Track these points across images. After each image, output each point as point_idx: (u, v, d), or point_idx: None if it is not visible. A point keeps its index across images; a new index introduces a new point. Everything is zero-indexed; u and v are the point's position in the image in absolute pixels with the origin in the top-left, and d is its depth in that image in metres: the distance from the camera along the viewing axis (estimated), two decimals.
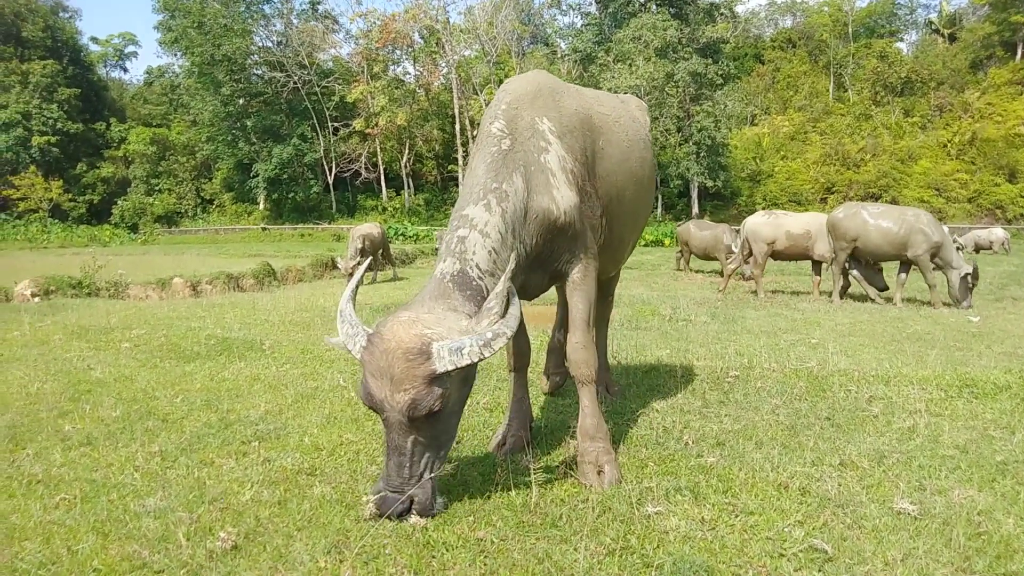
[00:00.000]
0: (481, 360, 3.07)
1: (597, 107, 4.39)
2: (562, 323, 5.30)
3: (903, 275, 11.76)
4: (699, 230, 18.17)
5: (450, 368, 3.02)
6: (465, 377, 3.26)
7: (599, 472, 3.64)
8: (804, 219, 13.31)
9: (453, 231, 3.47)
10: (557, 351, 5.27)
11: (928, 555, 2.81)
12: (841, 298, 12.08)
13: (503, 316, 3.20)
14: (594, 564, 2.79)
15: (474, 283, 3.34)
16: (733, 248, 16.61)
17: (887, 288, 12.28)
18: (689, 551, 2.87)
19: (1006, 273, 17.62)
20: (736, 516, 3.19)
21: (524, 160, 3.69)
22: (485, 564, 2.82)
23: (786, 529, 3.05)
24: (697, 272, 19.17)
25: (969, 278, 11.05)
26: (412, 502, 3.14)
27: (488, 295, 3.32)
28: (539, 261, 3.76)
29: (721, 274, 17.99)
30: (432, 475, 3.21)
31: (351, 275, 16.84)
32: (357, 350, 3.16)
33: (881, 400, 5.09)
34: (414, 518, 3.12)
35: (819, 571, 2.72)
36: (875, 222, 11.53)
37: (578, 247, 3.88)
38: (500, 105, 3.88)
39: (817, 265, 12.99)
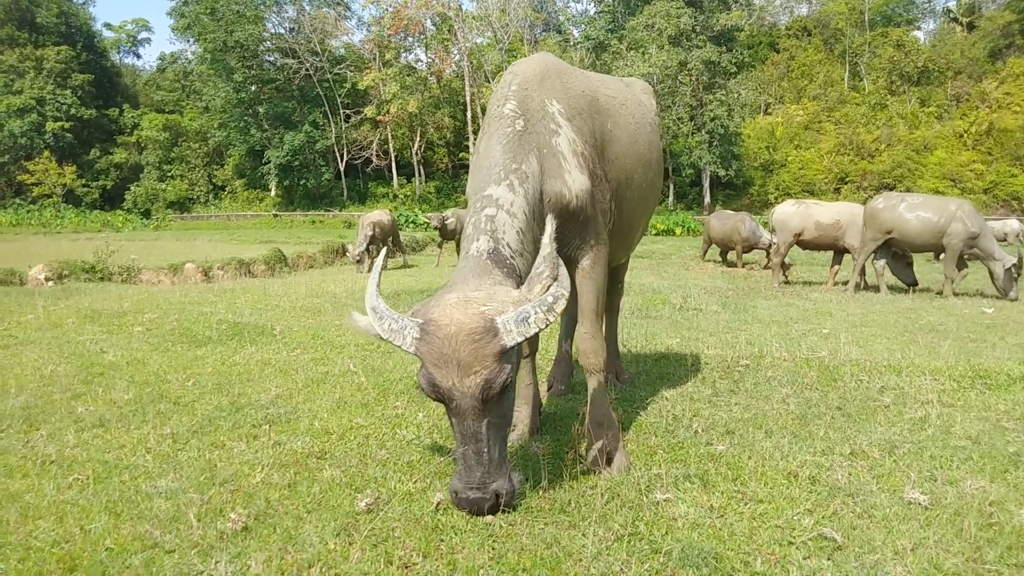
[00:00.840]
0: (546, 327, 2.97)
1: (604, 89, 4.37)
2: (568, 332, 5.26)
3: (963, 269, 11.60)
4: (719, 221, 17.94)
5: (519, 340, 2.92)
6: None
7: (608, 460, 3.64)
8: (835, 209, 13.11)
9: (479, 210, 3.40)
10: (565, 361, 5.24)
11: (939, 545, 2.80)
12: (856, 291, 11.96)
13: (555, 279, 3.09)
14: (602, 550, 2.80)
15: (507, 261, 3.28)
16: (764, 238, 16.43)
17: (917, 284, 12.12)
18: (697, 538, 2.87)
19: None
20: (745, 504, 3.19)
21: (537, 142, 3.66)
22: (493, 548, 2.82)
23: (795, 517, 3.04)
24: (708, 261, 19.07)
25: (1014, 269, 10.89)
26: (498, 496, 3.02)
27: (519, 274, 3.27)
28: None
29: (731, 264, 17.93)
30: (508, 459, 3.14)
31: (359, 261, 16.85)
32: (410, 343, 2.96)
33: (893, 390, 5.05)
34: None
35: (828, 559, 2.71)
36: (914, 213, 11.32)
37: (588, 233, 3.86)
38: (510, 86, 3.84)
39: (839, 255, 12.79)
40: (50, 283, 12.87)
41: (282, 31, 52.69)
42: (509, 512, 3.05)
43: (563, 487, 3.39)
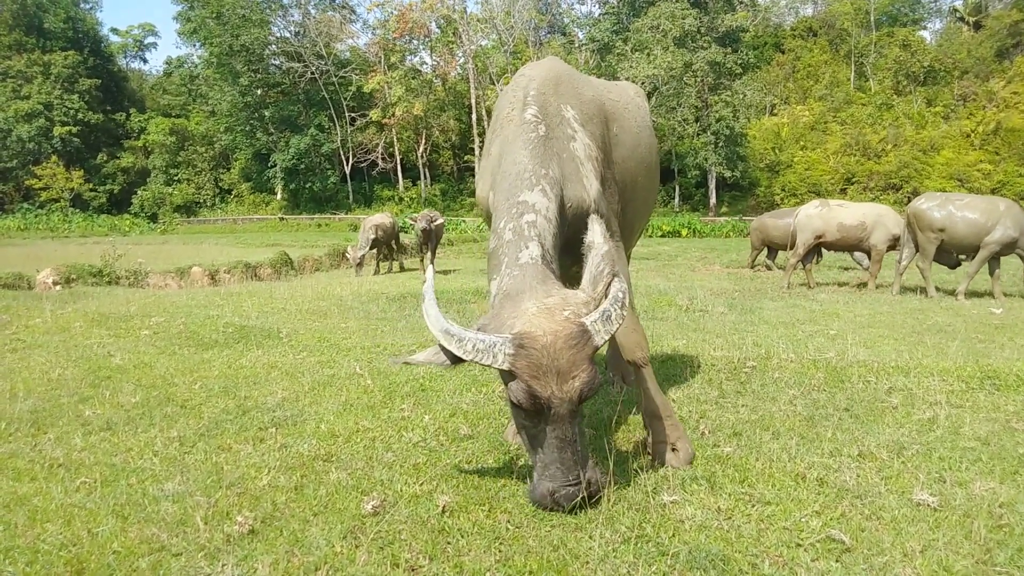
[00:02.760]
0: (623, 322, 3.06)
1: (607, 94, 4.39)
2: None
3: (996, 269, 11.46)
4: (780, 220, 16.94)
5: (606, 338, 2.97)
6: None
7: (674, 450, 3.66)
8: (860, 210, 12.86)
9: (518, 216, 3.38)
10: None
11: (948, 547, 2.78)
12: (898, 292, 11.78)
13: (615, 275, 3.14)
14: (609, 552, 2.79)
15: (551, 265, 3.31)
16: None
17: (959, 263, 11.93)
18: (705, 540, 2.86)
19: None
20: (752, 506, 3.17)
21: (557, 148, 3.66)
22: (500, 551, 2.82)
23: (803, 519, 3.03)
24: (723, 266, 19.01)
25: None
26: (590, 484, 3.06)
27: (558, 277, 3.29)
28: (566, 249, 3.71)
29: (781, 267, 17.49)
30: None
31: (359, 265, 16.76)
32: (502, 359, 2.91)
33: (901, 391, 5.03)
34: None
35: (836, 561, 2.70)
36: (962, 213, 11.13)
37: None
38: (528, 91, 3.84)
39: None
40: (58, 287, 12.93)
41: (287, 35, 52.98)
42: (595, 503, 3.11)
43: None
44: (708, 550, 2.75)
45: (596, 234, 3.28)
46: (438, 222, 17.13)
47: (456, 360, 3.08)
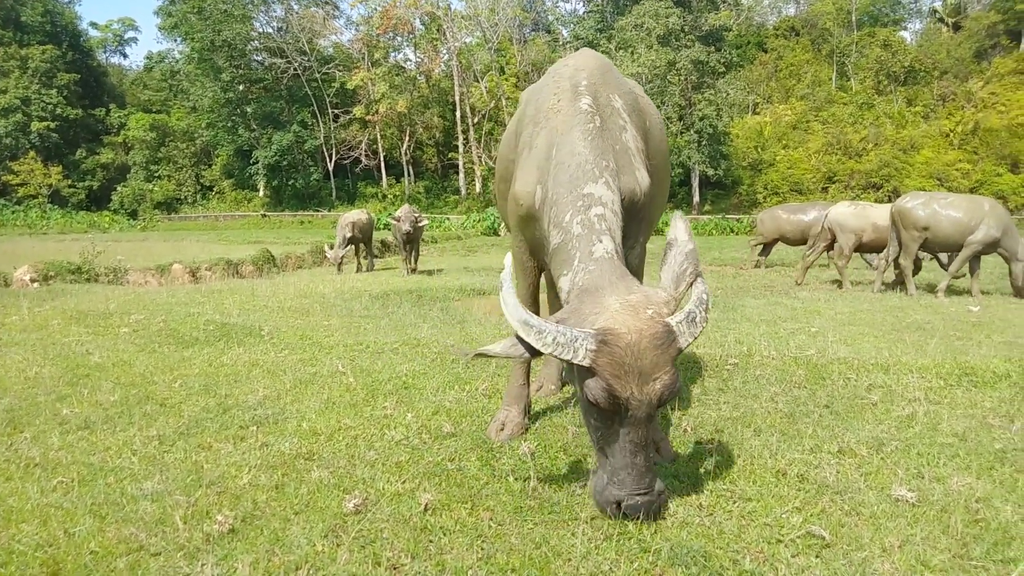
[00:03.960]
0: (705, 327, 2.96)
1: (635, 88, 4.38)
2: None
3: (976, 268, 11.55)
4: (791, 214, 16.76)
5: (690, 341, 2.88)
6: None
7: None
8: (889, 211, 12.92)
9: (585, 210, 3.31)
10: (555, 363, 5.21)
11: (926, 542, 2.81)
12: (884, 287, 11.88)
13: (698, 275, 3.08)
14: (591, 549, 2.79)
15: (623, 259, 3.26)
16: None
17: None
18: (686, 536, 2.87)
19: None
20: (734, 502, 3.19)
21: (611, 139, 3.63)
22: (482, 548, 2.81)
23: (784, 515, 3.05)
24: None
25: None
26: (660, 495, 2.97)
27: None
28: None
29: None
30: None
31: (341, 263, 16.63)
32: (583, 355, 2.81)
33: (880, 388, 5.08)
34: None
35: (816, 557, 2.72)
36: (946, 212, 11.17)
37: (642, 230, 3.88)
38: (578, 81, 3.79)
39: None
40: (35, 284, 12.76)
41: (270, 30, 52.53)
42: (658, 516, 3.00)
43: (553, 487, 3.38)
44: (689, 546, 2.76)
45: (680, 231, 3.18)
46: (422, 223, 16.37)
47: (535, 353, 2.95)
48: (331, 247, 17.10)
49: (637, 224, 3.78)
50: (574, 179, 3.42)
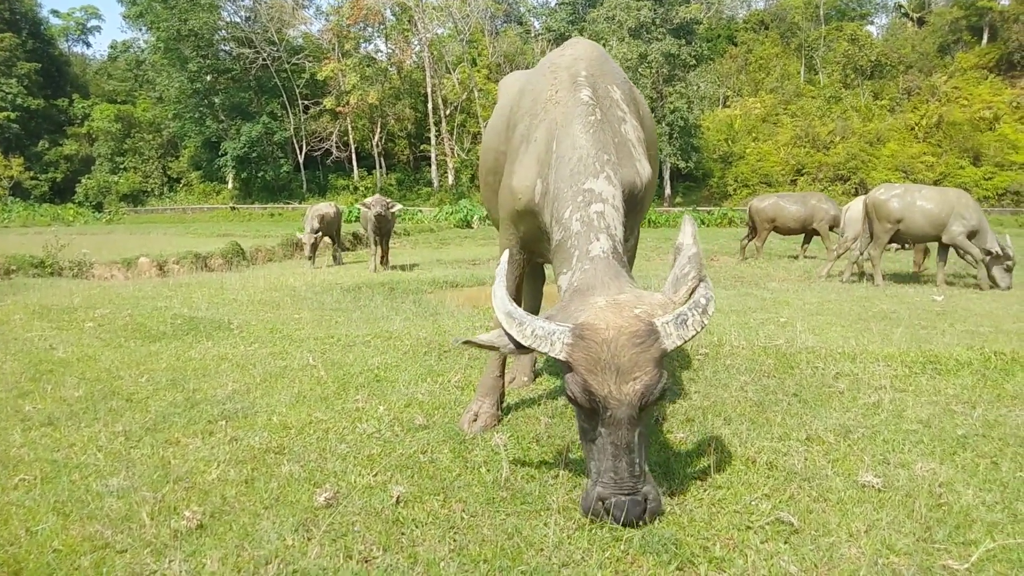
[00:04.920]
0: (702, 330, 2.85)
1: (626, 78, 4.36)
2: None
3: (944, 258, 11.72)
4: (791, 204, 16.83)
5: (678, 343, 2.78)
6: None
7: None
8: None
9: (585, 206, 3.26)
10: (529, 355, 5.23)
11: (891, 526, 2.86)
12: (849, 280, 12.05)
13: (701, 280, 2.98)
14: (564, 539, 2.80)
15: (622, 259, 3.19)
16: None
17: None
18: (657, 525, 2.89)
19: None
20: (704, 490, 3.22)
21: (612, 131, 3.58)
22: (455, 540, 2.81)
23: (753, 502, 3.08)
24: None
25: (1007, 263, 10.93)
26: (646, 500, 2.84)
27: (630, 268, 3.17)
28: None
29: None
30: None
31: (314, 254, 16.35)
32: (559, 348, 2.78)
33: (847, 376, 5.16)
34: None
35: (785, 543, 2.75)
36: (920, 203, 11.34)
37: (637, 223, 3.85)
38: (577, 71, 3.73)
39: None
40: None
41: (238, 20, 51.77)
42: (651, 520, 2.87)
43: (525, 478, 3.39)
44: (661, 534, 2.78)
45: (687, 235, 3.11)
46: (393, 209, 15.62)
47: (519, 347, 2.93)
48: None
49: (635, 216, 3.75)
50: (575, 174, 3.37)
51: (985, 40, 51.00)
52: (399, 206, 16.11)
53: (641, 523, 2.83)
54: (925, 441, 3.82)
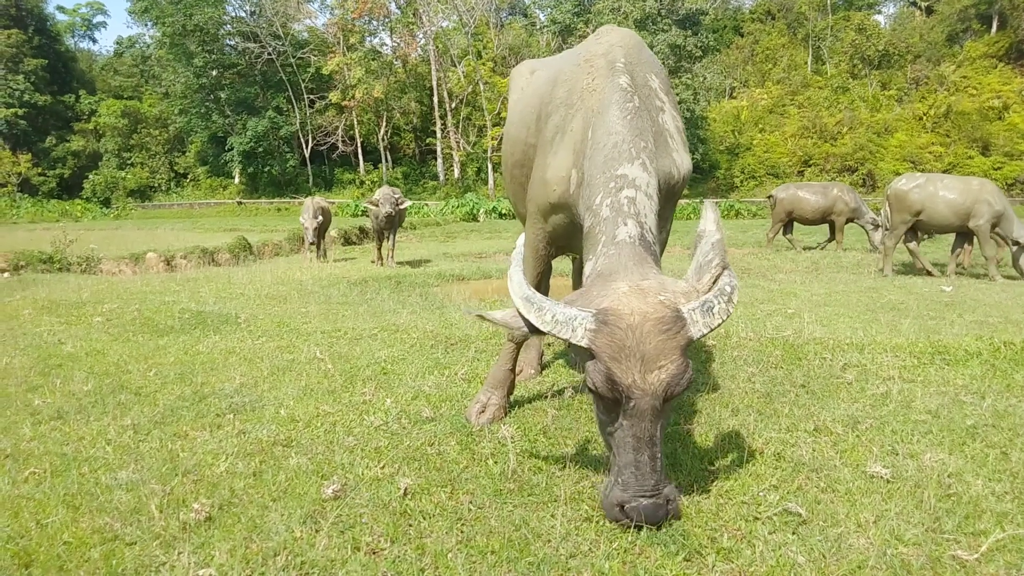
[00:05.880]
0: (727, 318, 2.75)
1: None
2: None
3: (959, 249, 11.62)
4: (811, 194, 16.65)
5: (704, 332, 2.68)
6: None
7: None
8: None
9: (616, 191, 3.17)
10: (534, 347, 5.21)
11: (900, 517, 2.85)
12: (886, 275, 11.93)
13: (725, 267, 2.88)
14: (571, 530, 2.80)
15: (651, 247, 3.08)
16: (869, 213, 15.74)
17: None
18: None
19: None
20: (712, 481, 3.21)
21: (650, 119, 3.49)
22: (462, 531, 2.81)
23: (761, 493, 3.08)
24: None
25: None
26: (668, 502, 2.74)
27: (658, 260, 3.07)
28: None
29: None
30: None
31: (316, 232, 15.89)
32: (581, 334, 2.66)
33: (855, 367, 5.14)
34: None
35: (793, 534, 2.75)
36: (942, 193, 11.21)
37: (670, 216, 3.79)
38: (615, 59, 3.63)
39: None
40: (5, 275, 12.52)
41: (243, 14, 51.71)
42: (669, 521, 2.78)
43: (532, 470, 3.39)
44: (668, 525, 2.78)
45: (709, 221, 3.00)
46: (403, 206, 14.81)
47: (534, 330, 2.83)
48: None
49: (669, 208, 3.68)
50: (609, 160, 3.27)
51: (994, 28, 50.58)
52: (409, 202, 15.34)
53: (662, 521, 2.74)
54: (934, 431, 3.81)
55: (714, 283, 2.83)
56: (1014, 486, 3.12)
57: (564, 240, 3.91)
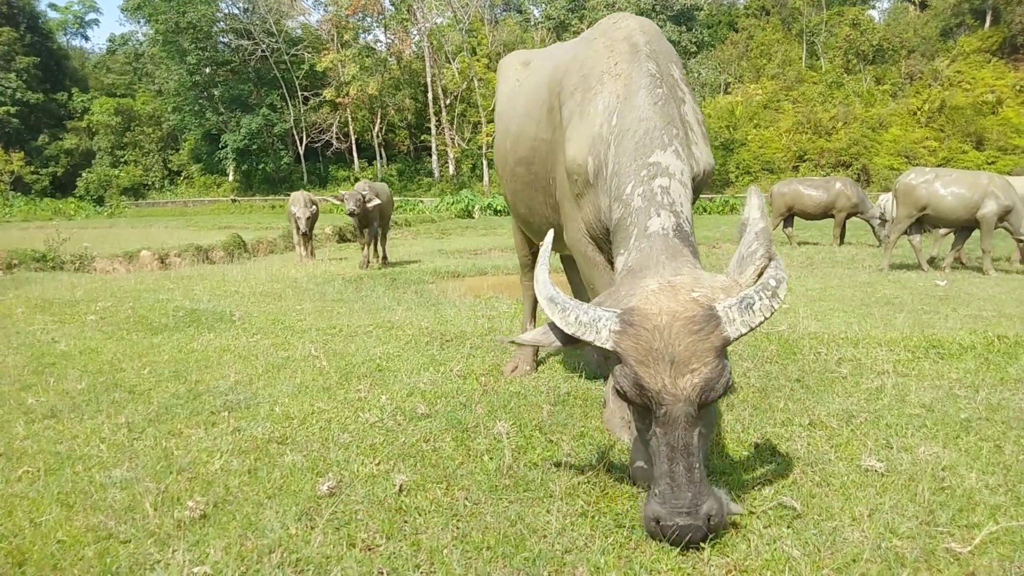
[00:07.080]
0: (771, 315, 2.53)
1: None
2: (532, 314, 5.43)
3: (959, 245, 11.65)
4: (814, 189, 16.59)
5: (743, 331, 2.48)
6: None
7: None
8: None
9: (648, 180, 3.01)
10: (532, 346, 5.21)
11: (894, 510, 2.86)
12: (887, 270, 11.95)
13: (770, 259, 2.66)
14: (567, 525, 2.80)
15: (689, 238, 2.92)
16: (873, 208, 15.69)
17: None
18: None
19: (972, 238, 17.85)
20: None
21: (676, 109, 3.35)
22: (458, 527, 2.81)
23: (756, 487, 3.08)
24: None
25: None
26: (709, 519, 2.52)
27: (696, 252, 2.90)
28: None
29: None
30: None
31: (309, 221, 15.40)
32: (606, 336, 2.51)
33: (850, 362, 5.15)
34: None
35: (788, 527, 2.75)
36: (948, 189, 11.18)
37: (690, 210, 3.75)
38: (638, 43, 3.48)
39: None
40: None
41: (236, 11, 51.43)
42: (714, 536, 2.58)
43: (527, 465, 3.39)
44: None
45: (753, 208, 2.82)
46: (371, 203, 13.18)
47: (567, 340, 2.68)
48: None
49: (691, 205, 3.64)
50: (640, 147, 3.11)
51: (988, 23, 50.64)
52: (378, 200, 13.44)
53: (703, 541, 2.55)
54: (928, 425, 3.82)
55: (758, 276, 2.64)
56: (1007, 479, 3.13)
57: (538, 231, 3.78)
